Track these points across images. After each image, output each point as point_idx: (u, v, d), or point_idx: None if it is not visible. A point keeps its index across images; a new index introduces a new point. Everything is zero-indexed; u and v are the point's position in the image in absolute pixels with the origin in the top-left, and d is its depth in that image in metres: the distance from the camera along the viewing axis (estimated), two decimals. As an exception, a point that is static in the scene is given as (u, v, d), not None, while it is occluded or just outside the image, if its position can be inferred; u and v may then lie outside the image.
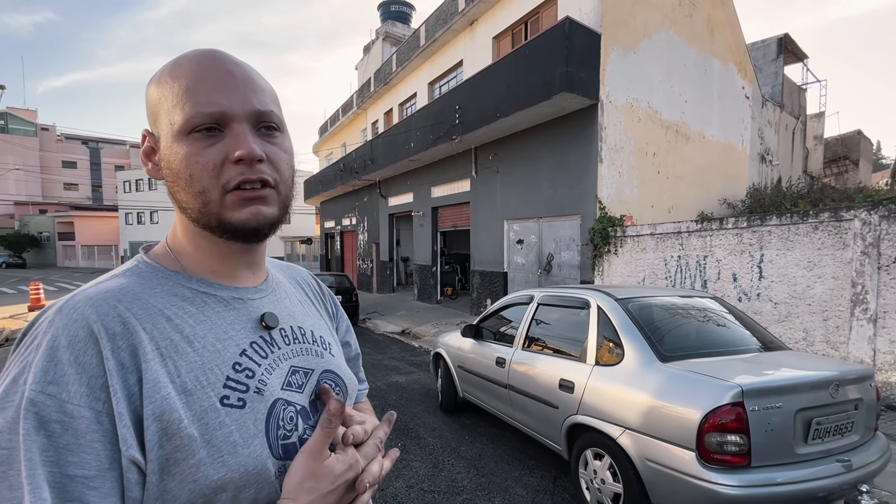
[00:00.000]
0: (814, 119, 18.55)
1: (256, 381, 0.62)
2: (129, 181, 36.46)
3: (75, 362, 0.50)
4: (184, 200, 0.61)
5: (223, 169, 0.59)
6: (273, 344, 0.67)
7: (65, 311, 0.54)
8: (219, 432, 0.56)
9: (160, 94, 0.60)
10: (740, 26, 11.59)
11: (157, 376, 0.54)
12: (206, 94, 0.58)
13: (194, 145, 0.59)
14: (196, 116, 0.58)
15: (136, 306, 0.57)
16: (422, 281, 14.01)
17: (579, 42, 7.65)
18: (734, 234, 5.84)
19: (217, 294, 0.65)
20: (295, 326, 0.72)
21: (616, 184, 8.32)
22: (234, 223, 0.61)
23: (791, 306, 5.26)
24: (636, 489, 2.52)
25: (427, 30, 13.21)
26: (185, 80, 0.59)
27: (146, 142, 0.64)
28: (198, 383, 0.57)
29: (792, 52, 16.16)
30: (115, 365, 0.52)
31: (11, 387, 0.49)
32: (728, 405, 2.21)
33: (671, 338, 2.91)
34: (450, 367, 4.68)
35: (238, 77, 0.61)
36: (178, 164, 0.59)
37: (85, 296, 0.56)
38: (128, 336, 0.54)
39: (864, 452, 2.45)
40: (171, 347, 0.57)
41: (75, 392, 0.49)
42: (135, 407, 0.52)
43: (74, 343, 0.51)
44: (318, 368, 0.72)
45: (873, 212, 4.56)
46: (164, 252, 0.67)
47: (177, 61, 0.61)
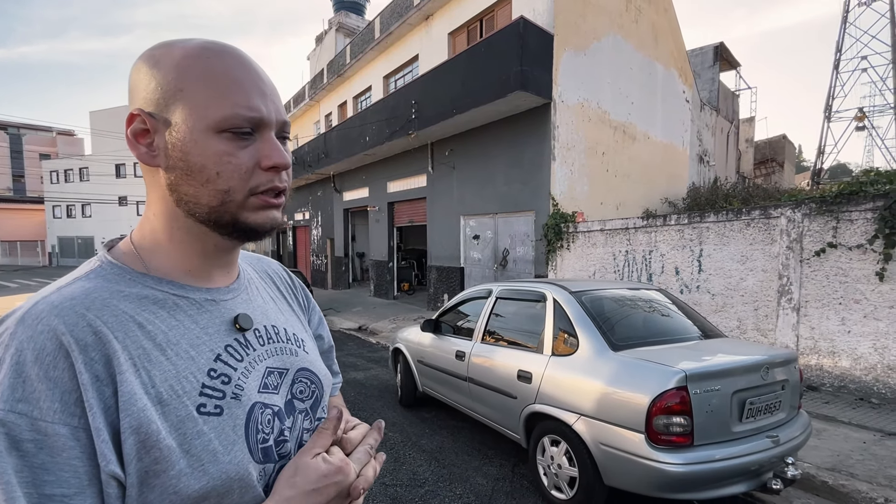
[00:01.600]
0: (745, 123, 19.94)
1: (233, 386, 0.61)
2: (56, 171, 33.60)
3: (45, 377, 0.48)
4: (192, 195, 0.59)
5: (253, 173, 0.60)
6: (248, 346, 0.66)
7: (27, 321, 0.50)
8: (197, 441, 0.55)
9: (181, 79, 0.57)
10: (681, 33, 12.26)
11: (133, 388, 0.52)
12: (246, 97, 0.58)
13: (228, 144, 0.58)
14: (236, 118, 0.58)
15: (106, 313, 0.54)
16: (378, 277, 13.91)
17: (533, 42, 7.83)
18: (676, 231, 6.21)
19: (189, 296, 0.63)
20: (269, 325, 0.71)
21: (568, 181, 8.61)
22: (250, 224, 0.62)
23: (727, 297, 5.67)
24: (591, 472, 2.67)
25: (382, 22, 13.05)
26: (223, 75, 0.58)
27: (136, 122, 0.58)
28: (173, 393, 0.55)
29: (727, 60, 17.28)
30: (89, 378, 0.50)
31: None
32: (673, 389, 2.38)
33: (621, 328, 3.08)
34: (409, 362, 4.71)
35: (268, 84, 0.62)
36: (203, 159, 0.58)
37: (48, 304, 0.52)
38: (100, 347, 0.52)
39: (789, 428, 2.71)
40: (144, 356, 0.55)
41: (48, 409, 0.47)
42: (111, 420, 0.50)
43: (42, 356, 0.48)
44: (293, 367, 0.71)
45: (797, 210, 5.00)
46: (129, 251, 0.63)
47: (200, 51, 0.59)
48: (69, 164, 33.11)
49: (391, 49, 13.20)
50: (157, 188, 0.62)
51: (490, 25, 9.90)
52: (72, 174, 32.60)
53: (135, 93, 0.60)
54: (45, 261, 34.96)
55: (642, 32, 10.65)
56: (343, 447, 0.66)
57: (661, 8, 11.38)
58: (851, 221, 4.62)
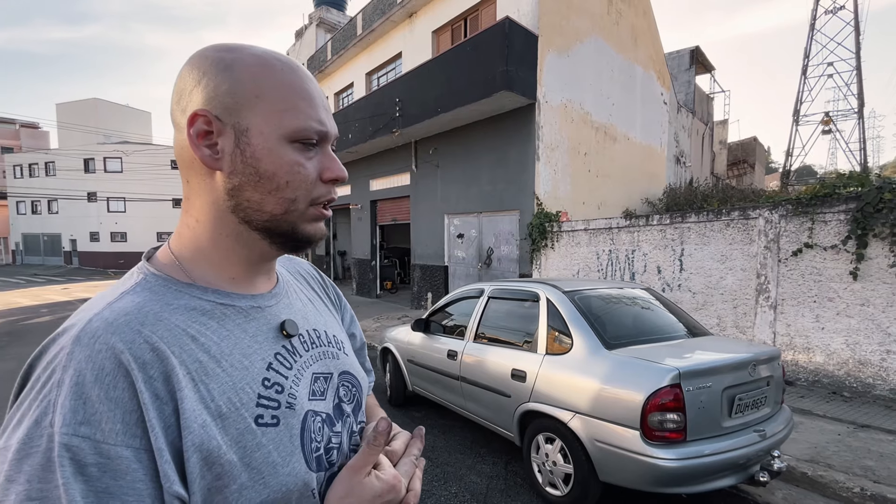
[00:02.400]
0: (719, 125, 20.52)
1: (286, 395, 0.60)
2: (20, 165, 32.16)
3: (106, 398, 0.47)
4: (255, 201, 0.59)
5: (316, 184, 0.62)
6: (295, 353, 0.65)
7: (84, 340, 0.49)
8: (257, 454, 0.55)
9: (258, 86, 0.58)
10: (660, 37, 12.52)
11: (193, 404, 0.51)
12: (316, 110, 0.61)
13: (298, 155, 0.60)
14: (309, 129, 0.59)
15: (161, 328, 0.53)
16: (361, 275, 13.81)
17: (518, 42, 7.89)
18: (659, 230, 6.36)
19: (235, 304, 0.62)
20: (311, 329, 0.71)
21: (552, 181, 8.71)
22: (305, 234, 0.63)
23: (707, 296, 5.84)
24: (586, 468, 2.72)
25: (364, 19, 12.93)
26: (298, 87, 0.60)
27: (198, 122, 0.57)
28: (231, 405, 0.55)
29: (702, 64, 17.73)
30: (149, 397, 0.49)
31: (34, 430, 0.45)
32: (667, 387, 2.44)
33: (613, 326, 3.14)
34: (399, 362, 4.70)
35: (325, 100, 0.64)
36: (275, 167, 0.58)
37: (103, 321, 0.51)
38: (159, 364, 0.51)
39: (773, 423, 2.81)
40: (201, 370, 0.54)
41: (110, 430, 0.46)
42: (172, 439, 0.49)
43: (102, 377, 0.47)
44: (336, 371, 0.71)
45: (774, 211, 5.18)
46: (169, 261, 0.62)
47: (274, 61, 0.60)
48: (34, 158, 31.75)
49: (374, 46, 13.10)
50: (208, 193, 0.60)
51: (474, 25, 9.92)
52: (37, 168, 31.28)
53: (191, 94, 0.58)
54: (8, 258, 33.55)
55: (622, 35, 10.84)
56: (390, 458, 0.66)
57: (641, 11, 11.61)
58: (826, 223, 4.82)
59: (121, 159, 28.96)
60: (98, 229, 29.35)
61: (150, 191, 28.61)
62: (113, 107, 34.12)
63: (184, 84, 0.59)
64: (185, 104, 0.58)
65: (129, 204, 29.05)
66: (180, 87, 0.59)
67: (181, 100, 0.59)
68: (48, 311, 11.92)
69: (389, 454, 0.66)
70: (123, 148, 29.33)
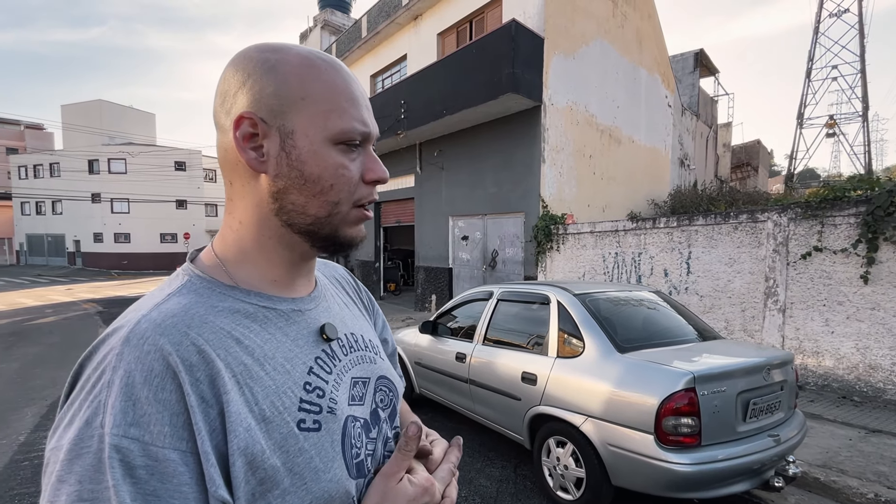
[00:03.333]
0: (723, 128, 20.48)
1: (327, 399, 0.60)
2: (24, 166, 32.24)
3: (155, 400, 0.47)
4: (300, 204, 0.59)
5: (358, 185, 0.61)
6: (335, 357, 0.65)
7: (133, 340, 0.49)
8: (300, 459, 0.54)
9: (303, 87, 0.57)
10: (664, 40, 12.51)
11: (238, 407, 0.51)
12: (360, 111, 0.60)
13: (342, 157, 0.59)
14: (353, 131, 0.59)
15: (206, 331, 0.53)
16: (364, 277, 13.80)
17: (524, 44, 7.89)
18: (665, 233, 6.34)
19: (277, 308, 0.61)
20: (348, 334, 0.70)
21: (557, 183, 8.70)
22: (347, 237, 0.63)
23: (714, 299, 5.81)
24: (598, 472, 2.70)
25: (369, 21, 12.96)
26: (343, 88, 0.59)
27: (244, 125, 0.56)
28: (275, 409, 0.54)
29: (706, 67, 17.72)
30: (196, 400, 0.48)
31: (85, 430, 0.45)
32: (682, 391, 2.42)
33: (625, 330, 3.13)
34: (406, 364, 4.69)
35: (367, 99, 0.63)
36: (320, 170, 0.58)
37: (151, 322, 0.51)
38: (205, 366, 0.50)
39: (787, 427, 2.79)
40: (246, 373, 0.54)
41: (158, 433, 0.46)
42: (217, 443, 0.49)
43: (151, 378, 0.47)
44: (373, 376, 0.71)
45: (783, 214, 5.16)
46: (213, 263, 0.62)
47: (318, 61, 0.59)
48: (39, 160, 31.85)
49: (378, 48, 13.13)
50: (252, 195, 0.60)
51: (480, 27, 9.93)
52: (42, 169, 31.38)
53: (236, 96, 0.57)
54: (13, 259, 33.65)
55: (627, 38, 10.84)
56: (427, 466, 0.65)
57: (646, 14, 11.60)
58: (836, 226, 4.79)
59: (125, 160, 29.05)
60: (102, 230, 29.42)
61: (154, 192, 28.69)
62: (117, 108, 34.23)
63: (228, 85, 0.58)
64: (230, 106, 0.57)
65: (132, 205, 29.13)
66: (224, 88, 0.58)
67: (225, 101, 0.58)
68: (52, 311, 11.94)
69: (429, 462, 0.65)
70: (128, 149, 29.42)
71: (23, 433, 4.18)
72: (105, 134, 31.32)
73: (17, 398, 5.15)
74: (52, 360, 6.88)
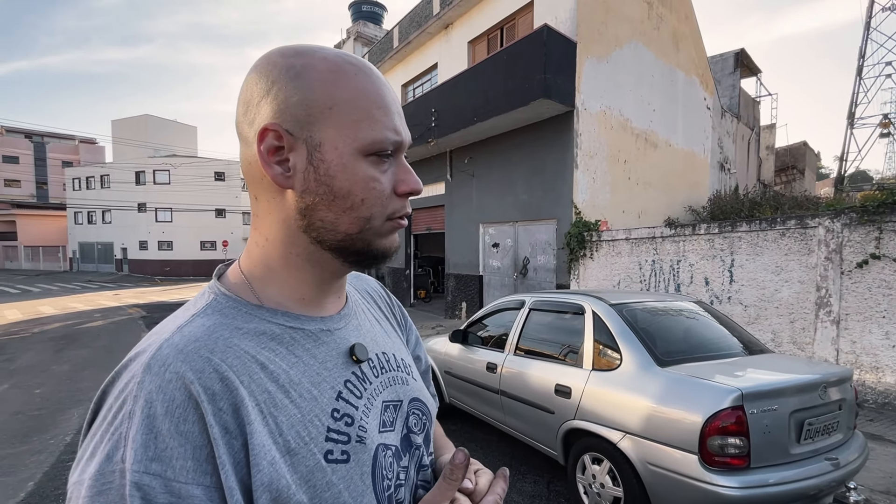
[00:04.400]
0: (766, 130, 19.63)
1: (356, 428, 0.56)
2: (78, 178, 34.25)
3: (177, 432, 0.44)
4: (330, 221, 0.55)
5: (391, 198, 0.57)
6: (365, 380, 0.61)
7: (154, 368, 0.46)
8: (327, 494, 0.50)
9: (331, 95, 0.52)
10: (702, 40, 12.13)
11: (262, 439, 0.48)
12: (391, 118, 0.56)
13: (374, 169, 0.55)
14: (385, 141, 0.54)
15: (230, 356, 0.50)
16: (395, 284, 13.88)
17: (556, 49, 7.79)
18: (706, 240, 6.08)
19: (304, 328, 0.58)
20: (380, 353, 0.66)
21: (590, 189, 8.51)
22: (380, 250, 0.59)
23: (760, 309, 5.51)
24: (637, 492, 2.56)
25: (401, 31, 13.14)
26: (373, 94, 0.55)
27: (269, 137, 0.52)
28: (300, 440, 0.51)
29: (747, 67, 17.06)
30: (219, 431, 0.46)
31: (106, 465, 0.43)
32: (729, 409, 2.27)
33: (665, 342, 2.98)
34: (436, 373, 4.63)
35: (400, 104, 0.59)
36: (350, 184, 0.54)
37: (173, 347, 0.48)
38: (228, 395, 0.47)
39: (847, 450, 2.57)
40: (270, 401, 0.50)
41: (181, 468, 0.43)
42: (241, 476, 0.46)
43: (173, 409, 0.44)
44: (405, 398, 0.66)
45: (836, 220, 4.85)
46: (239, 281, 0.58)
47: (346, 66, 0.54)
48: (91, 172, 33.75)
49: (410, 58, 13.27)
50: (279, 211, 0.56)
51: (511, 34, 9.89)
52: (93, 181, 33.23)
53: (259, 105, 0.53)
54: (66, 266, 35.63)
55: (664, 40, 10.56)
56: (472, 499, 0.59)
57: (683, 15, 11.28)
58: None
59: (168, 171, 30.41)
60: (147, 238, 30.83)
61: (195, 201, 29.86)
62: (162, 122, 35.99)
63: (251, 94, 0.54)
64: (253, 116, 0.53)
65: (175, 214, 30.40)
66: (247, 96, 0.54)
67: (248, 111, 0.54)
68: (101, 315, 12.53)
69: (473, 494, 0.60)
70: (171, 161, 30.81)
71: (69, 434, 4.36)
72: (150, 147, 32.94)
73: (65, 399, 5.39)
74: (99, 363, 7.19)
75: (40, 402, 5.33)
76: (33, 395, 5.56)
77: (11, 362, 7.30)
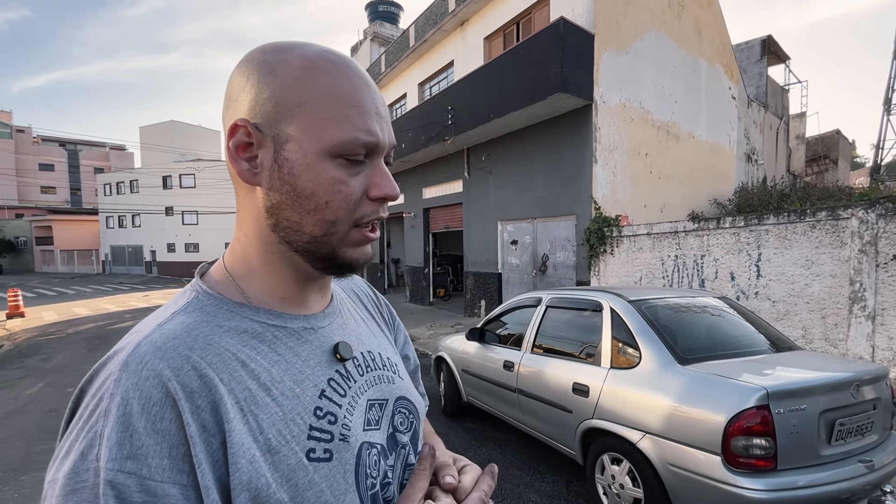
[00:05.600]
0: (795, 119, 18.95)
1: (340, 426, 0.55)
2: (109, 184, 35.48)
3: (153, 430, 0.43)
4: (294, 221, 0.53)
5: (360, 202, 0.54)
6: (349, 378, 0.60)
7: (131, 366, 0.46)
8: (309, 493, 0.50)
9: (300, 92, 0.51)
10: (726, 28, 11.76)
11: (241, 437, 0.47)
12: (365, 119, 0.52)
13: (341, 171, 0.52)
14: (353, 143, 0.52)
15: (210, 353, 0.49)
16: (414, 283, 13.92)
17: (573, 42, 7.65)
18: (731, 234, 5.88)
19: (287, 326, 0.57)
20: (365, 352, 0.65)
21: (610, 184, 8.35)
22: (346, 259, 0.56)
23: (790, 304, 5.31)
24: (657, 493, 2.49)
25: (416, 30, 13.13)
26: (345, 93, 0.52)
27: (239, 133, 0.52)
28: (282, 439, 0.50)
29: (775, 54, 16.48)
30: (196, 429, 0.45)
31: (80, 463, 0.42)
32: (753, 408, 2.18)
33: (686, 339, 2.89)
34: (453, 371, 4.62)
35: (383, 104, 0.56)
36: (314, 185, 0.52)
37: (151, 344, 0.47)
38: (207, 392, 0.47)
39: (882, 452, 2.45)
40: (250, 399, 0.49)
41: (157, 466, 0.43)
42: (220, 475, 0.45)
43: (149, 407, 0.44)
44: (391, 397, 0.65)
45: (870, 210, 4.63)
46: (222, 278, 0.58)
47: (322, 62, 0.52)
48: (121, 177, 34.88)
49: (426, 56, 13.25)
50: (252, 208, 0.56)
51: (527, 28, 9.77)
52: (123, 186, 34.34)
53: (237, 101, 0.53)
54: (99, 268, 36.93)
55: (685, 29, 10.27)
56: (456, 496, 0.57)
57: (705, 3, 10.96)
58: (935, 222, 4.23)
59: (194, 175, 31.17)
60: (174, 241, 31.69)
61: (220, 204, 30.53)
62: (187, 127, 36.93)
63: (231, 89, 0.54)
64: (232, 112, 0.54)
65: (200, 217, 31.15)
66: (228, 92, 0.54)
67: (228, 107, 0.54)
68: (131, 316, 12.93)
69: (458, 491, 0.58)
70: (196, 165, 31.57)
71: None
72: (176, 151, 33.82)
73: (96, 397, 5.57)
74: (127, 362, 7.40)
75: (72, 400, 5.52)
76: (67, 394, 5.76)
77: (47, 362, 7.59)
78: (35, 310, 14.42)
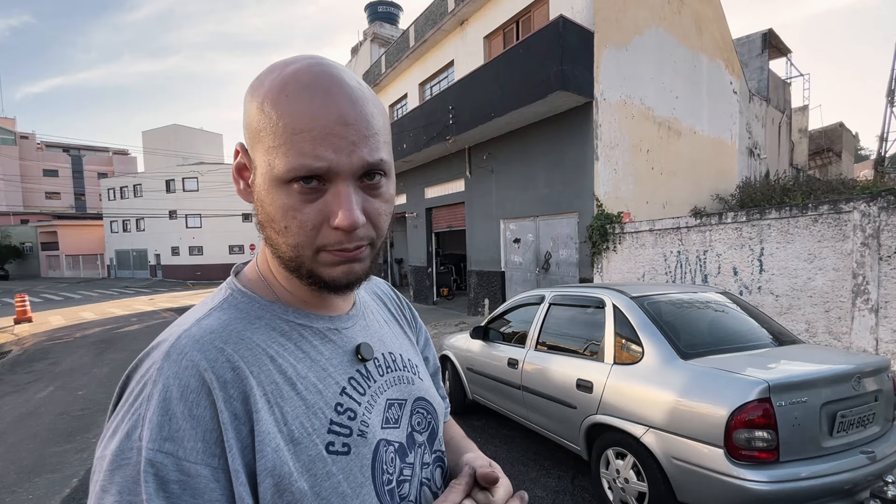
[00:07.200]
0: (798, 112, 18.88)
1: (359, 422, 0.58)
2: (113, 188, 35.60)
3: (190, 416, 0.47)
4: (274, 240, 0.55)
5: (321, 230, 0.53)
6: (369, 377, 0.63)
7: (173, 356, 0.50)
8: (327, 483, 0.53)
9: (261, 120, 0.51)
10: (727, 22, 11.74)
11: (267, 426, 0.51)
12: (313, 144, 0.49)
13: (293, 198, 0.52)
14: (299, 169, 0.50)
15: (242, 347, 0.53)
16: (417, 282, 13.96)
17: (573, 40, 7.67)
18: (734, 229, 5.89)
19: (313, 325, 0.61)
20: (386, 353, 0.69)
21: (612, 181, 8.36)
22: (325, 278, 0.56)
23: (792, 298, 5.32)
24: (662, 487, 2.52)
25: (416, 30, 13.15)
26: (292, 117, 0.49)
27: (239, 156, 0.57)
28: (304, 431, 0.53)
29: (776, 47, 16.43)
30: (228, 417, 0.49)
31: (126, 443, 0.46)
32: (755, 401, 2.21)
33: (688, 334, 2.91)
34: (458, 370, 4.65)
35: (352, 120, 0.51)
36: (273, 209, 0.53)
37: (190, 337, 0.52)
38: (239, 383, 0.51)
39: (884, 443, 2.47)
40: (277, 392, 0.53)
41: (192, 448, 0.46)
42: (248, 461, 0.49)
43: (187, 394, 0.48)
44: (410, 397, 0.68)
45: (872, 203, 4.63)
46: (256, 278, 0.62)
47: (283, 85, 0.51)
48: (124, 182, 35.00)
49: (426, 56, 13.28)
50: None
51: (527, 27, 9.78)
52: (126, 190, 34.46)
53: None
54: (104, 273, 37.13)
55: (685, 24, 10.26)
56: None
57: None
58: (937, 214, 4.23)
59: (197, 179, 31.28)
60: (178, 244, 31.81)
61: (223, 207, 30.65)
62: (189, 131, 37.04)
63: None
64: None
65: (204, 220, 31.27)
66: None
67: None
68: (137, 319, 13.02)
69: None
70: (199, 168, 31.68)
71: (109, 433, 4.55)
72: (179, 155, 33.94)
73: (106, 400, 5.63)
74: (135, 365, 7.47)
75: (83, 402, 5.60)
76: (76, 397, 5.83)
77: (56, 365, 7.67)
78: (42, 315, 14.54)
